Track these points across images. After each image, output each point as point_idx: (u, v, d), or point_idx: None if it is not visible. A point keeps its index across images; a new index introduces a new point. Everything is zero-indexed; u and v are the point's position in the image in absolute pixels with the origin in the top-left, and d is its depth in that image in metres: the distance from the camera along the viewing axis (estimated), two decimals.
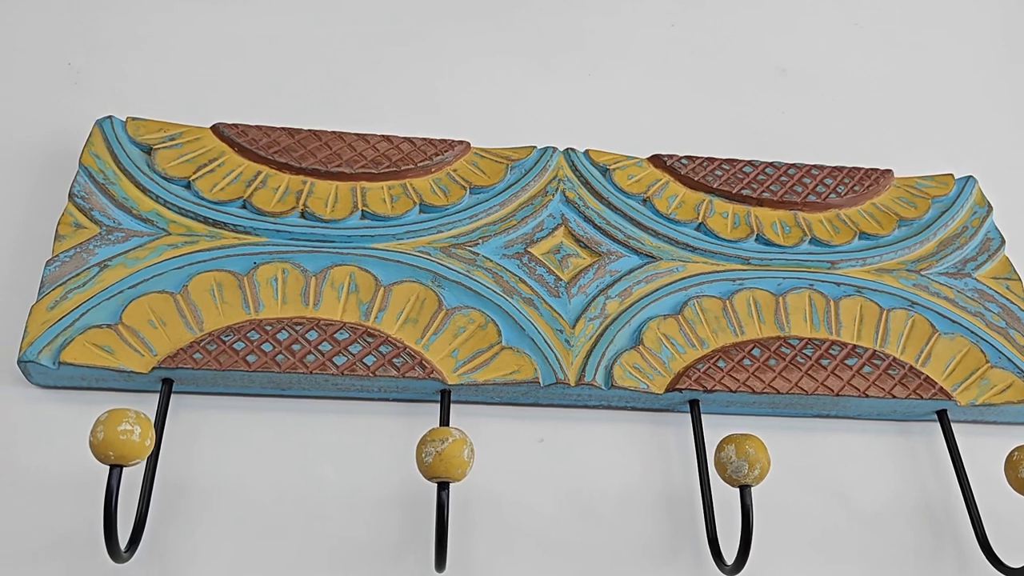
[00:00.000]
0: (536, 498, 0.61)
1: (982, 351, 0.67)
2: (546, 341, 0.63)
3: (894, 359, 0.66)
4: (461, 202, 0.70)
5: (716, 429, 0.64)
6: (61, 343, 0.59)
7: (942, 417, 0.66)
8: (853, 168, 0.77)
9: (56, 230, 0.64)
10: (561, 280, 0.67)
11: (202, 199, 0.67)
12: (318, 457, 0.60)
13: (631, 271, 0.68)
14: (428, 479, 0.51)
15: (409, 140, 0.73)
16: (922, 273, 0.72)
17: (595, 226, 0.70)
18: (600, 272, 0.68)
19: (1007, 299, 0.71)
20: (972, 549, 0.62)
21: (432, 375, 0.61)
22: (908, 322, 0.68)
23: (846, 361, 0.65)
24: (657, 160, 0.75)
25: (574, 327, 0.65)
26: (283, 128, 0.72)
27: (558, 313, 0.65)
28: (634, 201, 0.72)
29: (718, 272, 0.69)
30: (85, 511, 0.55)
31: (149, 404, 0.60)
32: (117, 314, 0.60)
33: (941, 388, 0.65)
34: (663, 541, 0.60)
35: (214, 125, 0.71)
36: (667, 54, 0.90)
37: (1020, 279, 0.72)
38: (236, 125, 0.71)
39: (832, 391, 0.64)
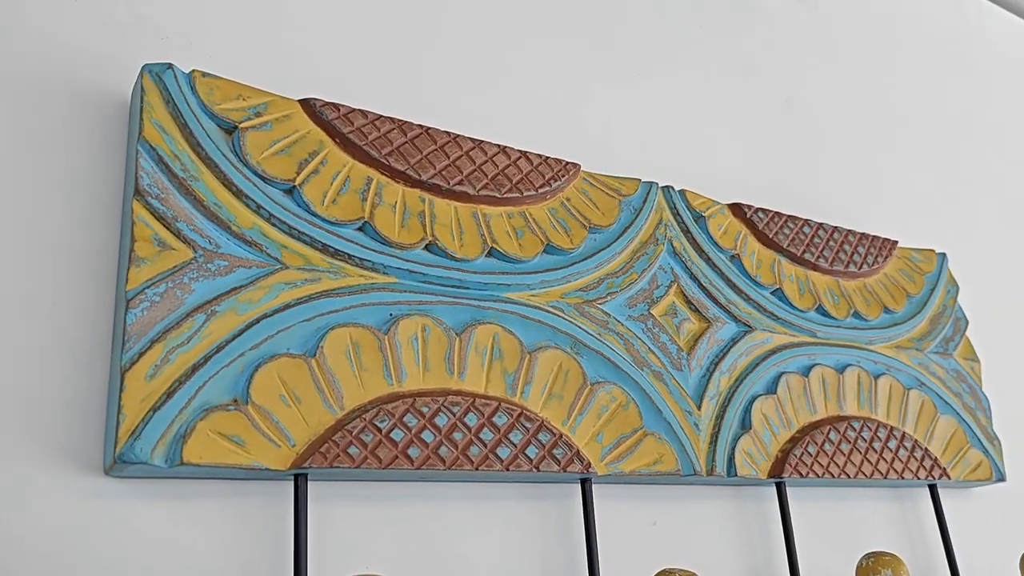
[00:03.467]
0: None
1: (964, 432, 0.76)
2: (680, 425, 0.59)
3: (916, 442, 0.72)
4: (583, 245, 0.60)
5: (760, 502, 0.66)
6: (177, 433, 0.42)
7: (932, 490, 0.74)
8: (875, 237, 0.80)
9: (132, 249, 0.44)
10: (683, 351, 0.62)
11: (314, 215, 0.50)
12: (456, 550, 0.51)
13: (734, 342, 0.65)
14: None
15: (525, 156, 0.60)
16: (925, 352, 0.78)
17: (700, 286, 0.66)
18: (711, 342, 0.64)
19: (973, 380, 0.80)
20: None
21: (589, 468, 0.54)
22: (920, 402, 0.75)
23: (888, 444, 0.70)
24: (737, 210, 0.71)
25: (700, 407, 0.61)
26: (392, 119, 0.55)
27: (684, 391, 0.61)
28: (725, 257, 0.68)
29: (795, 346, 0.69)
30: None
31: (271, 496, 0.46)
32: (242, 387, 0.44)
33: (944, 469, 0.73)
34: None
35: (306, 101, 0.53)
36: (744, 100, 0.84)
37: (980, 360, 0.82)
38: (336, 106, 0.53)
39: (882, 475, 0.68)
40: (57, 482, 0.41)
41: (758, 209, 0.72)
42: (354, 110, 0.54)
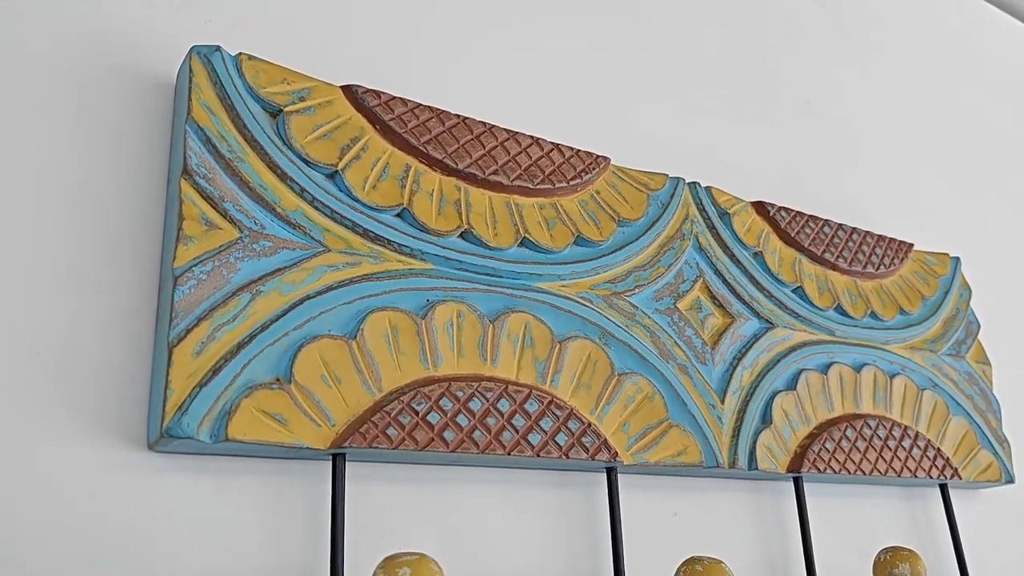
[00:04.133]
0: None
1: (975, 433, 0.77)
2: (704, 418, 0.60)
3: (929, 442, 0.73)
4: (613, 238, 0.61)
5: (779, 497, 0.67)
6: (223, 409, 0.42)
7: (943, 489, 0.75)
8: (891, 239, 0.80)
9: (180, 227, 0.44)
10: (707, 345, 0.63)
11: (355, 200, 0.50)
12: (484, 534, 0.52)
13: (756, 338, 0.66)
14: None
15: (558, 149, 0.61)
16: (938, 354, 0.79)
17: (724, 281, 0.66)
18: (734, 337, 0.65)
19: (984, 383, 0.81)
20: None
21: (616, 458, 0.54)
22: (933, 403, 0.75)
23: (903, 443, 0.71)
24: (761, 208, 0.72)
25: (723, 401, 0.61)
26: (431, 108, 0.56)
27: (708, 384, 0.61)
28: (748, 253, 0.69)
29: (815, 344, 0.70)
30: None
31: (309, 476, 0.47)
32: (285, 366, 0.45)
33: (956, 470, 0.74)
34: None
35: (348, 87, 0.53)
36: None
37: (991, 363, 0.83)
38: (378, 93, 0.54)
39: (896, 473, 0.69)
40: (102, 456, 0.41)
41: (781, 208, 0.73)
42: (395, 98, 0.54)
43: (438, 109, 0.56)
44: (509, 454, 0.50)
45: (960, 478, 0.74)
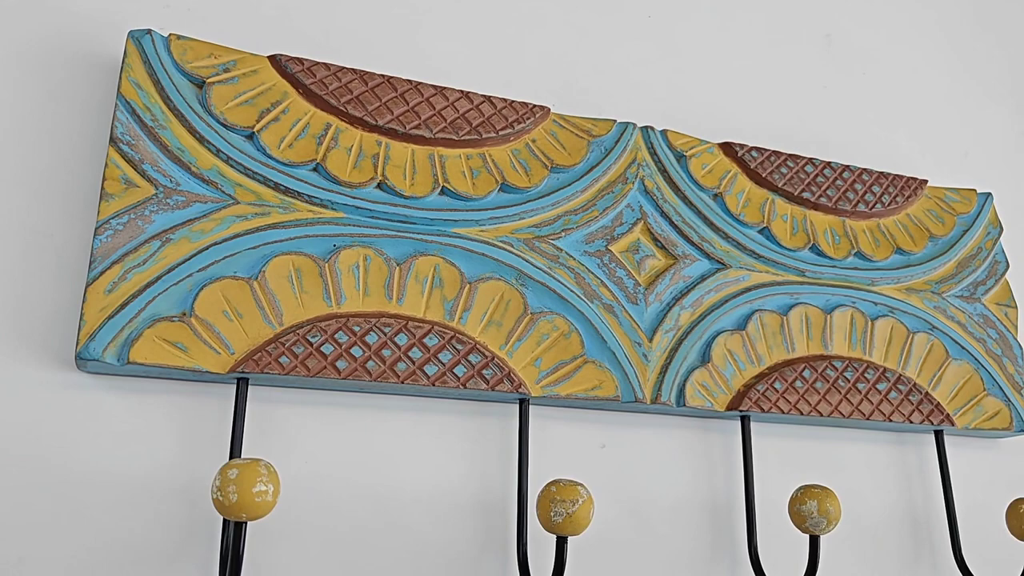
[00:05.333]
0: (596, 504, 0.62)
1: (981, 378, 0.72)
2: (625, 355, 0.61)
3: (914, 384, 0.70)
4: (542, 184, 0.63)
5: (758, 437, 0.66)
6: (127, 337, 0.50)
7: (938, 436, 0.71)
8: (896, 176, 0.76)
9: (102, 187, 0.52)
10: (640, 285, 0.64)
11: (270, 157, 0.57)
12: (395, 457, 0.57)
13: (703, 278, 0.66)
14: (550, 532, 0.50)
15: (489, 100, 0.64)
16: (943, 295, 0.74)
17: (672, 223, 0.66)
18: (675, 278, 0.65)
19: (1004, 326, 0.75)
20: (947, 561, 0.70)
21: (520, 389, 0.58)
22: (928, 346, 0.71)
23: (877, 386, 0.68)
24: (728, 149, 0.71)
25: (651, 340, 0.63)
26: (353, 70, 0.61)
27: (636, 323, 0.63)
28: (707, 195, 0.68)
29: (778, 284, 0.68)
30: (156, 516, 0.50)
31: (220, 397, 0.54)
32: (188, 302, 0.52)
33: (948, 415, 0.70)
34: (706, 547, 0.63)
35: (274, 57, 0.59)
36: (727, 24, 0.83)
37: (1016, 306, 0.77)
38: (300, 60, 0.59)
39: (864, 415, 0.67)
40: (38, 374, 0.50)
41: (752, 148, 0.71)
42: (317, 63, 0.60)
43: (361, 71, 0.61)
44: (403, 383, 0.55)
45: (953, 424, 0.70)
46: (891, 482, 0.71)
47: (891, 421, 0.68)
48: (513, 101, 0.64)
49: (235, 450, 0.52)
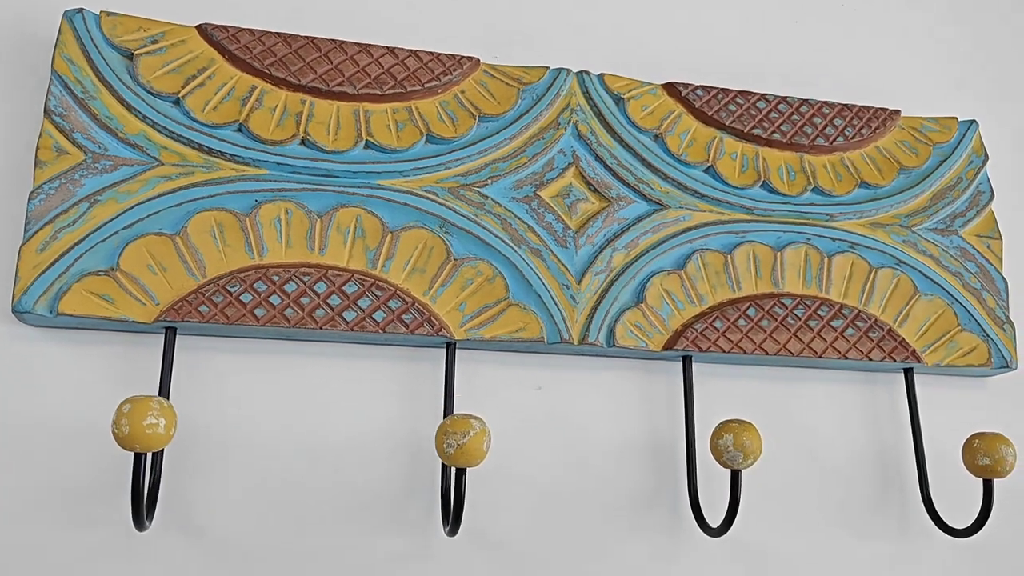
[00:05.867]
0: (530, 443, 0.62)
1: (955, 313, 0.69)
2: (552, 297, 0.62)
3: (876, 320, 0.67)
4: (469, 133, 0.64)
5: (707, 378, 0.66)
6: (57, 291, 0.54)
7: (907, 374, 0.69)
8: (862, 108, 0.73)
9: (36, 155, 0.56)
10: (569, 229, 0.64)
11: (194, 120, 0.60)
12: (324, 402, 0.60)
13: (639, 220, 0.65)
14: (447, 465, 0.52)
15: (415, 55, 0.65)
16: (913, 229, 0.71)
17: (606, 166, 0.66)
18: (608, 220, 0.65)
19: (986, 259, 0.71)
20: (916, 502, 0.67)
21: (440, 332, 0.59)
22: (893, 282, 0.69)
23: (832, 323, 0.66)
24: (672, 89, 0.70)
25: (580, 282, 0.63)
26: (278, 34, 0.63)
27: (564, 266, 0.63)
28: (646, 137, 0.68)
29: (723, 222, 0.67)
30: (88, 457, 0.54)
31: (151, 346, 0.57)
32: (114, 258, 0.56)
33: (913, 351, 0.67)
34: (647, 489, 0.63)
35: (200, 25, 0.62)
36: None
37: (1001, 238, 0.72)
38: (225, 27, 0.62)
39: (816, 353, 0.65)
40: None
41: (697, 87, 0.70)
42: (243, 29, 0.62)
43: (286, 33, 0.63)
44: (321, 328, 0.57)
45: (920, 361, 0.67)
46: (859, 423, 0.69)
47: (847, 359, 0.65)
48: (440, 54, 0.65)
49: (163, 394, 0.55)
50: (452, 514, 0.53)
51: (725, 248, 0.66)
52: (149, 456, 0.50)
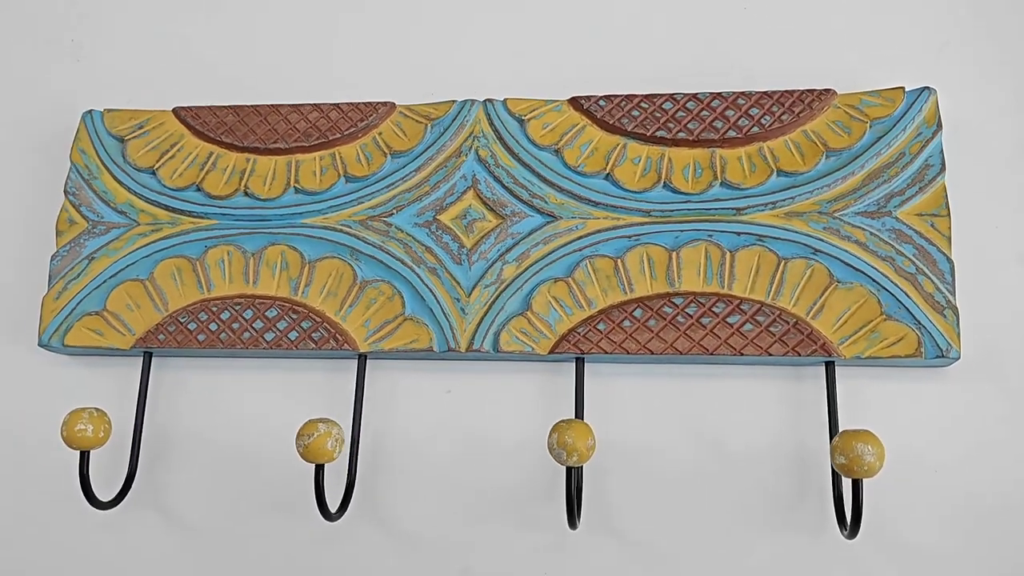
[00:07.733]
0: (439, 443, 0.70)
1: (879, 302, 0.64)
2: (443, 310, 0.69)
3: (781, 314, 0.65)
4: (381, 170, 0.73)
5: (605, 378, 0.69)
6: (65, 328, 0.72)
7: (829, 368, 0.65)
8: (785, 92, 0.70)
9: (56, 226, 0.75)
10: (464, 247, 0.70)
11: (165, 187, 0.75)
12: (262, 411, 0.72)
13: (531, 233, 0.70)
14: (306, 461, 0.61)
15: (337, 107, 0.75)
16: (835, 215, 0.67)
17: (503, 186, 0.71)
18: (502, 236, 0.70)
19: (927, 239, 0.65)
20: (829, 501, 0.64)
21: (344, 347, 0.69)
22: (806, 272, 0.66)
23: (728, 319, 0.65)
24: (575, 103, 0.73)
25: (470, 295, 0.69)
26: (229, 107, 0.76)
27: (457, 281, 0.69)
28: (545, 153, 0.72)
29: (618, 227, 0.69)
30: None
31: (134, 367, 0.74)
32: (103, 301, 0.73)
33: (824, 344, 0.64)
34: (540, 486, 0.68)
35: (175, 109, 0.77)
36: None
37: (950, 215, 0.66)
38: (191, 108, 0.77)
39: (707, 351, 0.65)
40: (25, 355, 0.75)
41: (600, 98, 0.72)
42: (204, 107, 0.77)
43: (236, 106, 0.76)
44: (247, 348, 0.70)
45: (836, 354, 0.64)
46: (776, 420, 0.67)
47: (743, 355, 0.65)
48: (360, 103, 0.75)
49: (140, 407, 0.71)
50: (320, 511, 0.62)
51: (616, 253, 0.68)
52: (89, 454, 0.65)
